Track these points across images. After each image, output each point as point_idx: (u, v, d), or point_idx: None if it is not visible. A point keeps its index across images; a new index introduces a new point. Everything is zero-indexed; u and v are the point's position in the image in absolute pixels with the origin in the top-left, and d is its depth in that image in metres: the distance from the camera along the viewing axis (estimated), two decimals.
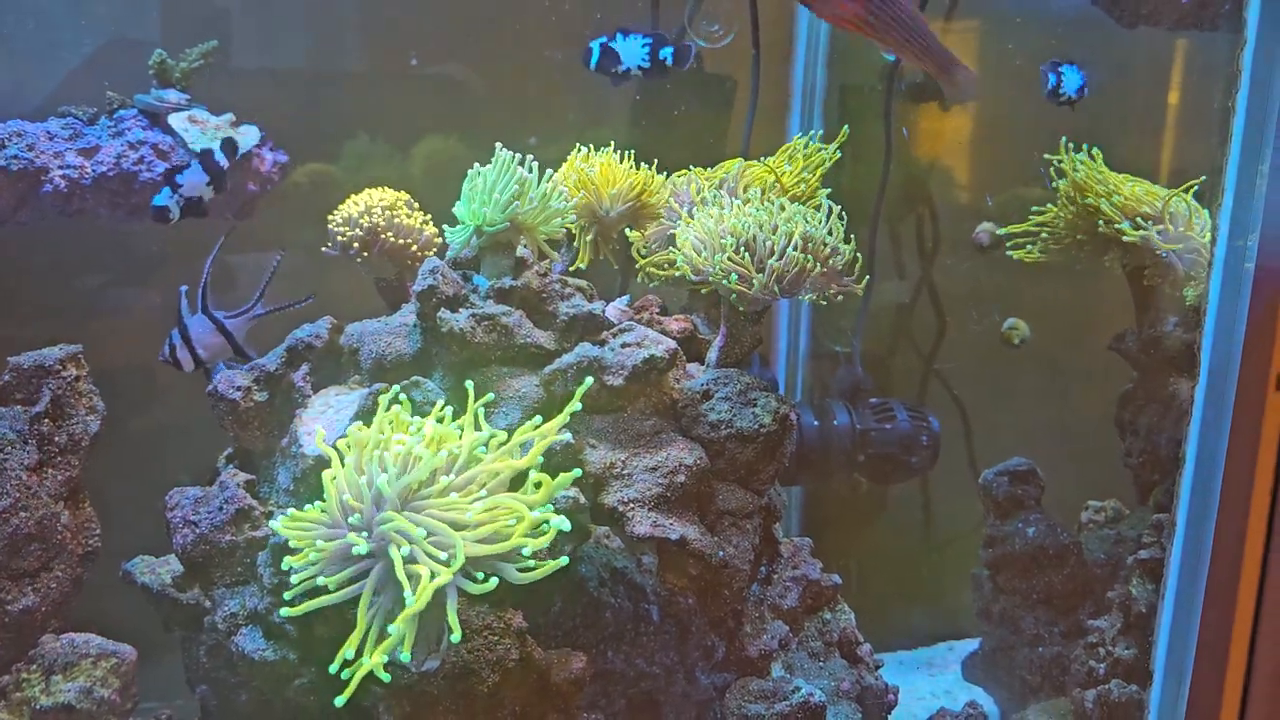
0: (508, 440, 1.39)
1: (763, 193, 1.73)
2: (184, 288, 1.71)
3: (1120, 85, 2.35)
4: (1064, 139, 1.96)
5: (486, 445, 1.38)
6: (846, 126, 1.85)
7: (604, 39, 1.80)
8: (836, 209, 1.59)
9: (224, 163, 1.75)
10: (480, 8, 2.13)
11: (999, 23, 2.41)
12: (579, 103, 2.24)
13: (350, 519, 1.31)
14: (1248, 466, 1.35)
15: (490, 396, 1.48)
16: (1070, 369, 2.48)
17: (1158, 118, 2.39)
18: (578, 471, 1.39)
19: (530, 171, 1.64)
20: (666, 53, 1.82)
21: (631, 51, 1.79)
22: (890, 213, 2.37)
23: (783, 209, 1.56)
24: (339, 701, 1.24)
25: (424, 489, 1.33)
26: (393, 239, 1.75)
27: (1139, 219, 1.86)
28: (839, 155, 1.85)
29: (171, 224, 1.73)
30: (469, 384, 1.45)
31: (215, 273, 1.77)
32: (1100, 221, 1.91)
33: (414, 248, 1.78)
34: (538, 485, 1.34)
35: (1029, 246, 2.01)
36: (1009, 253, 2.03)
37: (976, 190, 2.47)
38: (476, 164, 1.63)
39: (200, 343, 1.67)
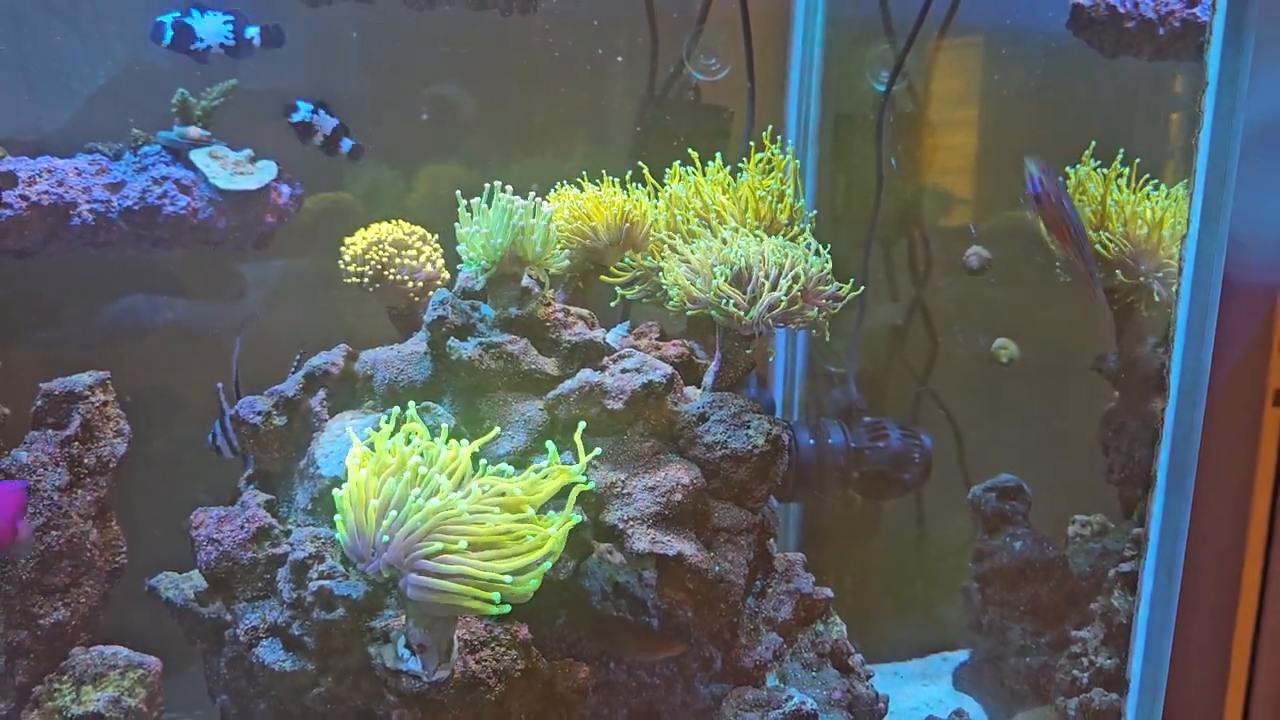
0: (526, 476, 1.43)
1: (737, 229, 1.75)
2: (220, 385, 1.76)
3: (1107, 109, 2.42)
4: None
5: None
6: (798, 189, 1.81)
7: (177, 13, 1.66)
8: (815, 245, 1.64)
9: None
10: (485, 42, 2.19)
11: (986, 54, 2.47)
12: (580, 134, 2.30)
13: (379, 535, 1.33)
14: (1242, 480, 1.41)
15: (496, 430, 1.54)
16: (1059, 387, 2.52)
17: (1143, 141, 2.45)
18: (592, 484, 1.45)
19: (527, 210, 1.64)
20: (253, 32, 1.74)
21: (211, 28, 1.70)
22: (883, 237, 2.43)
23: (761, 241, 1.61)
24: None
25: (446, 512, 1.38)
26: (393, 276, 1.82)
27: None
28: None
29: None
30: (463, 443, 1.45)
31: None
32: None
33: (420, 284, 1.84)
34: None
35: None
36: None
37: (966, 214, 2.53)
38: (465, 201, 1.65)
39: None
